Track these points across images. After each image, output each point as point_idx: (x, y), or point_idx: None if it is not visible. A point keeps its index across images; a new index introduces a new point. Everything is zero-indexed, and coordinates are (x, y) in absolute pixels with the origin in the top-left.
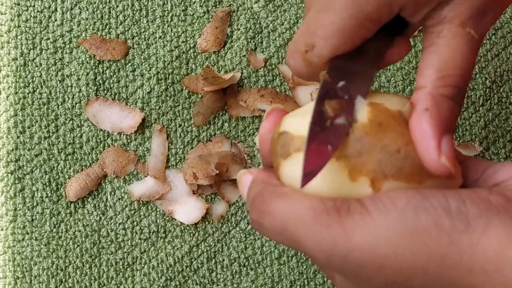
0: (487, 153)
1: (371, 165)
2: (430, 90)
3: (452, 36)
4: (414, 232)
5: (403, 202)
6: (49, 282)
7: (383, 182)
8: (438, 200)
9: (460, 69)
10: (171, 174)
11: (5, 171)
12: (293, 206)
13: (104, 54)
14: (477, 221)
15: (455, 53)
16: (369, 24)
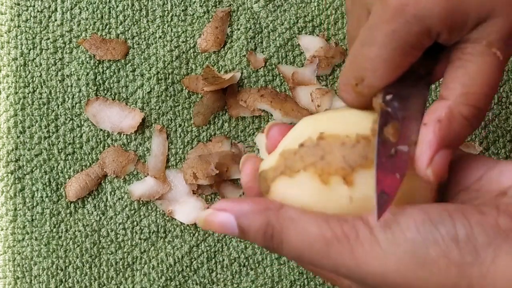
0: (487, 153)
1: (336, 163)
2: (450, 104)
3: (479, 54)
4: (423, 264)
5: (413, 232)
6: (49, 282)
7: (353, 175)
8: (447, 228)
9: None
10: (171, 174)
11: (5, 171)
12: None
13: (104, 54)
14: (486, 251)
15: (481, 71)
16: (413, 52)
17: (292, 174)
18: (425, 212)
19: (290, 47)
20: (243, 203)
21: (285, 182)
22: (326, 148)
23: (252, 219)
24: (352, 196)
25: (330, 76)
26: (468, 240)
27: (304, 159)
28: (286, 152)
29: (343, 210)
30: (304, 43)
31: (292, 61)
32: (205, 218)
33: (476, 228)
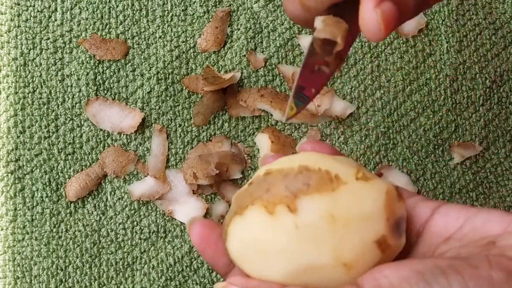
0: (487, 153)
1: (280, 193)
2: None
3: None
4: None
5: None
6: (49, 282)
7: (296, 201)
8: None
9: None
10: (171, 174)
11: (5, 171)
12: None
13: (104, 54)
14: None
15: None
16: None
17: (242, 211)
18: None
19: (290, 47)
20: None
21: (238, 222)
22: (271, 181)
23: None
24: (297, 222)
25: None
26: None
27: (252, 195)
28: (238, 194)
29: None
30: (304, 43)
31: (292, 61)
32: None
33: (471, 282)
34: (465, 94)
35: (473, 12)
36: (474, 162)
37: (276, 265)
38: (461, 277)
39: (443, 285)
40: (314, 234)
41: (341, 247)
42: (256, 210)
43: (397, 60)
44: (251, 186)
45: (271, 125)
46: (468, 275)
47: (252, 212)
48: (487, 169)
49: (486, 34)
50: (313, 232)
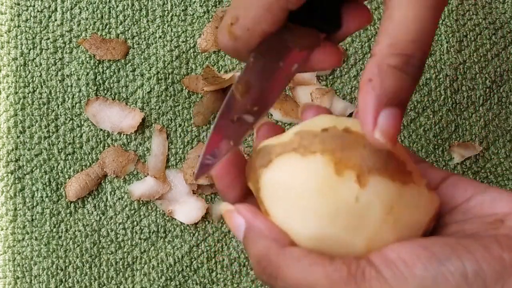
0: (487, 153)
1: (355, 159)
2: (377, 59)
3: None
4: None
5: (421, 269)
6: (49, 282)
7: (368, 177)
8: (455, 265)
9: (412, 34)
10: (171, 174)
11: (5, 171)
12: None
13: (104, 54)
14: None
15: (407, 16)
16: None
17: (306, 153)
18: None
19: None
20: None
21: (294, 159)
22: (349, 142)
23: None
24: (359, 197)
25: (330, 76)
26: (477, 275)
27: (324, 143)
28: (304, 133)
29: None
30: None
31: None
32: (224, 212)
33: (483, 263)
34: (465, 94)
35: (473, 12)
36: (474, 162)
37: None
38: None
39: (457, 266)
40: (365, 215)
41: (378, 238)
42: (323, 161)
43: None
44: (325, 133)
45: None
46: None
47: (318, 160)
48: (487, 169)
49: (486, 34)
50: (366, 213)
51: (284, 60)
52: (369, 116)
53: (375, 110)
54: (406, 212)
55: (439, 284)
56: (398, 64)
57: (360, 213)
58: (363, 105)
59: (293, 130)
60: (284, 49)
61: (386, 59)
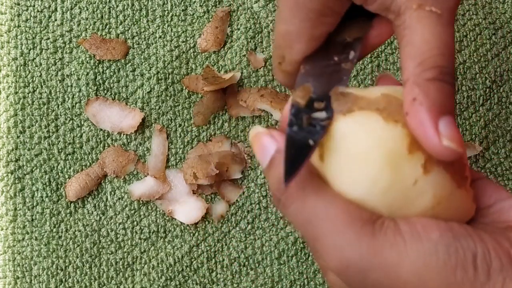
0: (487, 153)
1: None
2: (414, 80)
3: (416, 21)
4: (442, 269)
5: (437, 235)
6: (49, 282)
7: (433, 166)
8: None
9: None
10: (171, 174)
11: (5, 171)
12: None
13: (104, 54)
14: (497, 275)
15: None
16: (325, 20)
17: (389, 120)
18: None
19: None
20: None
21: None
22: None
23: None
24: (418, 181)
25: None
26: (484, 260)
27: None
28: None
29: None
30: None
31: None
32: (256, 133)
33: (492, 252)
34: (465, 94)
35: (473, 12)
36: (474, 162)
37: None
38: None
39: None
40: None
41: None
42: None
43: (397, 60)
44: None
45: (271, 125)
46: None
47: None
48: (487, 169)
49: (486, 34)
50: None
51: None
52: (429, 129)
53: (433, 122)
54: (447, 212)
55: (450, 254)
56: (435, 76)
57: (410, 197)
58: (418, 123)
59: (380, 90)
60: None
61: (422, 76)
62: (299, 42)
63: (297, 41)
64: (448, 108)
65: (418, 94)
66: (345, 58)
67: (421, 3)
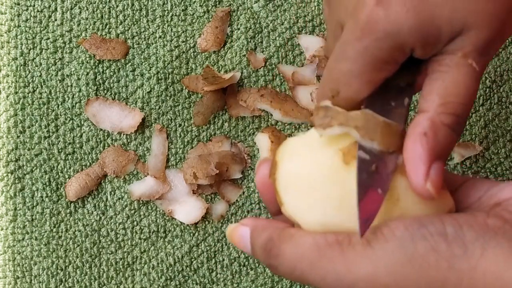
0: (487, 153)
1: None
2: (431, 115)
3: (455, 65)
4: (412, 259)
5: (401, 230)
6: (49, 281)
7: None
8: (435, 226)
9: (461, 97)
10: (171, 174)
11: (5, 171)
12: (299, 246)
13: (104, 54)
14: (474, 245)
15: (458, 81)
16: (386, 67)
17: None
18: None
19: (290, 47)
20: (259, 220)
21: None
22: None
23: (260, 233)
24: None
25: None
26: (456, 235)
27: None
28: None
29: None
30: (304, 43)
31: (292, 61)
32: (231, 231)
33: (465, 226)
34: None
35: None
36: (474, 162)
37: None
38: (456, 221)
39: (438, 227)
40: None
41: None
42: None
43: None
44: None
45: (271, 125)
46: (463, 220)
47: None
48: (487, 169)
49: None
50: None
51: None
52: (421, 168)
53: (428, 163)
54: (413, 207)
55: (417, 243)
56: (450, 123)
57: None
58: (415, 157)
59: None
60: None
61: (440, 117)
62: (359, 83)
63: (357, 81)
64: (445, 156)
65: (429, 131)
66: (400, 104)
67: (466, 54)
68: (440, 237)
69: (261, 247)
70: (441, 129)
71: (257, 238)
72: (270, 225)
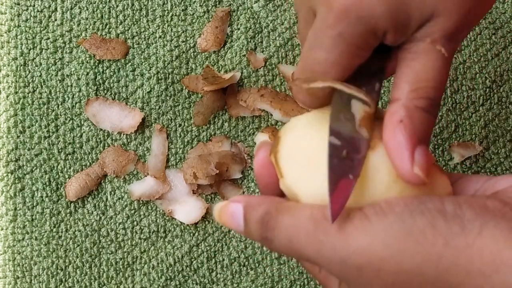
0: (487, 153)
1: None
2: (404, 102)
3: (424, 51)
4: (410, 234)
5: (401, 206)
6: (49, 281)
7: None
8: (434, 204)
9: (432, 82)
10: (171, 174)
11: (5, 171)
12: (296, 218)
13: (104, 54)
14: (472, 224)
15: (427, 67)
16: (361, 53)
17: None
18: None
19: (290, 46)
20: (252, 197)
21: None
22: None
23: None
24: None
25: None
26: (455, 213)
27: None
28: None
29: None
30: None
31: (292, 61)
32: (219, 209)
33: (464, 205)
34: (465, 94)
35: None
36: (474, 162)
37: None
38: (455, 200)
39: (436, 204)
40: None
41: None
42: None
43: None
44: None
45: (271, 124)
46: (463, 200)
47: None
48: (487, 169)
49: (486, 34)
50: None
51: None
52: (405, 154)
53: (411, 148)
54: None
55: (415, 218)
56: (424, 106)
57: (366, 176)
58: (396, 144)
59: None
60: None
61: (413, 102)
62: (335, 70)
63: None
64: (426, 138)
65: (405, 117)
66: (371, 89)
67: (434, 40)
68: (439, 214)
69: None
70: (416, 114)
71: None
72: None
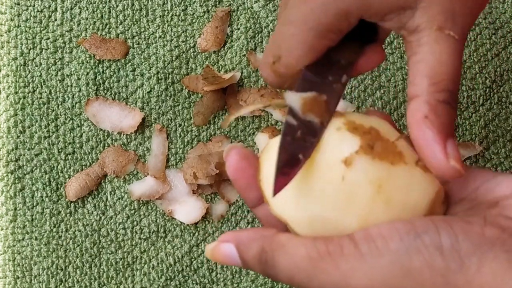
0: (487, 153)
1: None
2: (425, 98)
3: (434, 41)
4: (407, 274)
5: (396, 242)
6: (49, 281)
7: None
8: (431, 237)
9: (449, 73)
10: (171, 174)
11: (5, 171)
12: (292, 258)
13: (104, 54)
14: (470, 259)
15: (441, 58)
16: (330, 35)
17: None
18: (410, 223)
19: None
20: (241, 232)
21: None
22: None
23: (249, 246)
24: (346, 176)
25: None
26: (452, 248)
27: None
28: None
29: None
30: None
31: None
32: (211, 251)
33: (461, 236)
34: (465, 94)
35: None
36: (474, 162)
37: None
38: (452, 230)
39: (433, 236)
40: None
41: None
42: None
43: (397, 60)
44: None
45: (271, 125)
46: (459, 229)
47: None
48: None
49: (486, 34)
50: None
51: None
52: (437, 149)
53: (442, 143)
54: (397, 192)
55: (412, 257)
56: (445, 99)
57: (348, 192)
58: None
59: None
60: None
61: (434, 96)
62: (301, 49)
63: (299, 47)
64: (452, 130)
65: (430, 113)
66: (337, 80)
67: (441, 26)
68: (436, 251)
69: (256, 260)
70: (439, 108)
71: (247, 252)
72: (257, 235)
